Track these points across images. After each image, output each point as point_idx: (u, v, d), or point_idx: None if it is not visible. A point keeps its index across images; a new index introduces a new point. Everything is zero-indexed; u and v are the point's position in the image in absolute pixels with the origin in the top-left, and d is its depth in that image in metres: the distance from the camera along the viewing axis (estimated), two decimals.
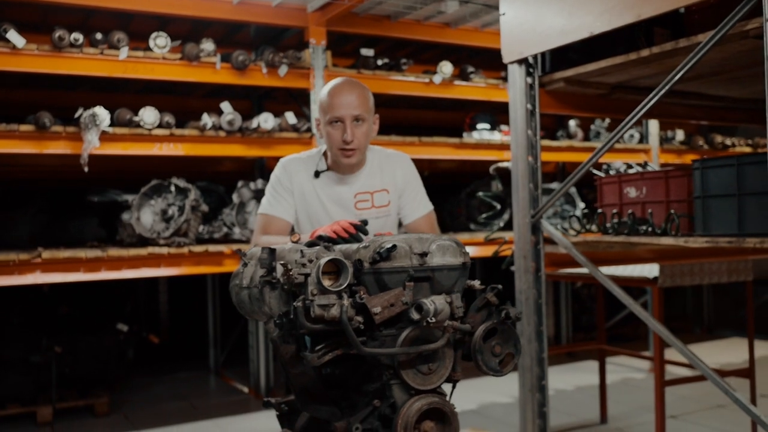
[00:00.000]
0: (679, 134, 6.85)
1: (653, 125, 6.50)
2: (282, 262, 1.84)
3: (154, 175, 4.95)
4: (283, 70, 4.99)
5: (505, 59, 3.36)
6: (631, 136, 6.51)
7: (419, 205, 2.81)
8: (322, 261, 1.77)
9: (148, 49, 4.67)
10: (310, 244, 1.97)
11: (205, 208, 4.93)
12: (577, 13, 2.94)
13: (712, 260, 4.03)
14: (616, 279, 4.54)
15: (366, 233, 2.34)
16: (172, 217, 4.80)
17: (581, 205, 6.18)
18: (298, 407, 2.13)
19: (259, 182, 5.09)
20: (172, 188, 4.83)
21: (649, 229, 3.17)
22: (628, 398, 5.82)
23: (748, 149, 7.16)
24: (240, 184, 5.08)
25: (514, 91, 3.36)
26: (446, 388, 1.99)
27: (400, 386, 1.88)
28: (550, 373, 3.53)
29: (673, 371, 5.73)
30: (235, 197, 5.06)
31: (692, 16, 2.90)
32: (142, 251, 4.58)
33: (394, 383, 1.87)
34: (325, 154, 2.75)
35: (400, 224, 2.86)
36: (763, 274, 7.52)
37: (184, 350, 8.11)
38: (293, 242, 2.11)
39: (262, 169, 6.19)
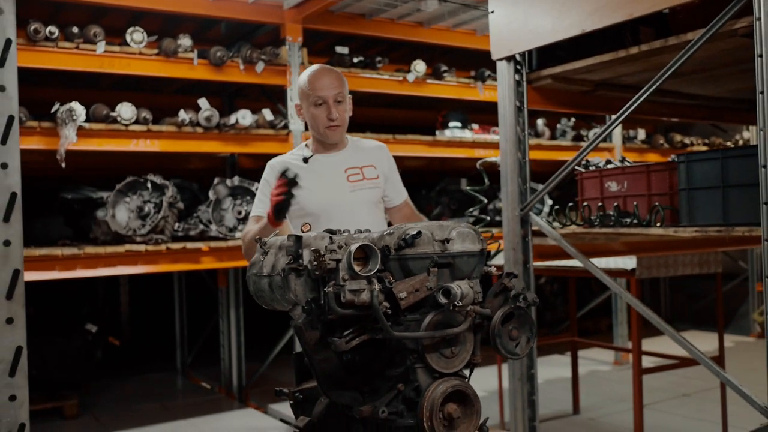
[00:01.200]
0: (641, 133, 7.07)
1: None
2: (311, 248, 1.86)
3: (127, 172, 4.88)
4: (260, 66, 4.99)
5: (494, 56, 3.43)
6: (596, 134, 6.67)
7: (402, 190, 2.96)
8: (353, 247, 1.80)
9: (125, 43, 4.61)
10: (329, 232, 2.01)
11: (181, 205, 4.89)
12: (568, 11, 3.03)
13: (685, 252, 4.18)
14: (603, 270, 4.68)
15: (295, 183, 2.46)
16: (148, 214, 4.75)
17: (549, 201, 6.32)
18: (317, 394, 2.15)
19: (236, 179, 5.07)
20: (149, 185, 4.77)
21: (634, 221, 3.28)
22: (597, 390, 5.98)
23: (704, 148, 7.42)
24: (216, 181, 5.05)
25: (503, 87, 3.44)
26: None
27: (424, 370, 1.91)
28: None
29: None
30: (211, 194, 5.03)
31: (677, 15, 3.02)
32: (120, 249, 4.52)
33: (418, 367, 1.91)
34: (307, 145, 2.87)
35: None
36: (723, 269, 7.81)
37: (148, 351, 8.00)
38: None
39: (234, 166, 6.16)
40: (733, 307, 8.49)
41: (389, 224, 2.86)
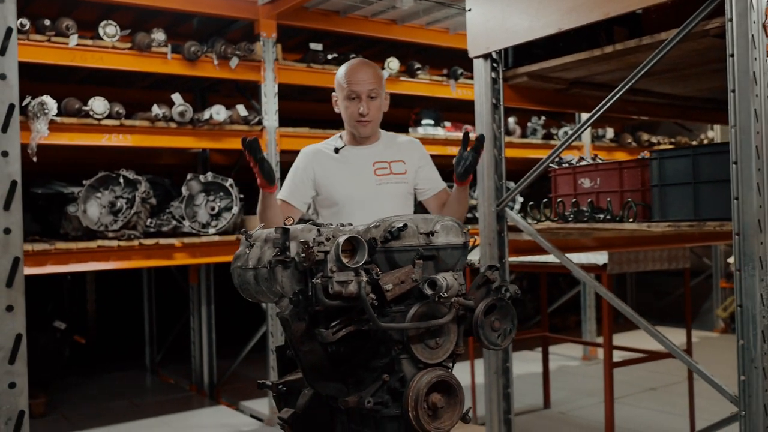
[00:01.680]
0: (609, 132, 7.19)
1: None
2: (298, 241, 1.88)
3: (98, 167, 4.82)
4: (234, 62, 4.97)
5: (471, 53, 3.47)
6: (566, 133, 6.78)
7: (437, 181, 2.91)
8: (341, 239, 1.82)
9: (97, 37, 4.56)
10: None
11: (154, 200, 4.85)
12: (545, 10, 3.08)
13: (655, 248, 4.27)
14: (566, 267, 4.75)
15: (256, 147, 2.49)
16: (120, 209, 4.70)
17: (520, 199, 6.39)
18: (301, 386, 2.16)
19: (209, 175, 5.04)
20: (121, 180, 4.73)
21: (607, 216, 3.35)
22: (566, 384, 6.07)
23: (670, 146, 7.57)
24: (189, 176, 5.02)
25: (480, 85, 3.48)
26: None
27: (409, 360, 1.94)
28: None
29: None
30: (184, 190, 4.99)
31: (650, 16, 3.08)
32: (91, 244, 4.47)
33: (403, 358, 1.94)
34: (341, 136, 2.91)
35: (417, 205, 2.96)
36: (678, 270, 7.97)
37: (115, 350, 7.89)
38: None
39: (206, 162, 6.13)
40: (697, 304, 8.68)
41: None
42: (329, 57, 5.47)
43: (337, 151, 2.82)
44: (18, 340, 2.38)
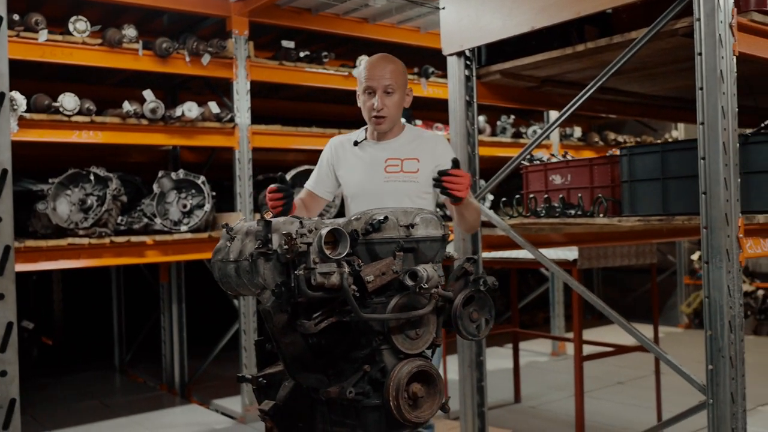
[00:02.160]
0: (577, 131, 7.30)
1: None
2: (281, 233, 1.89)
3: (67, 165, 4.77)
4: (206, 59, 4.95)
5: (445, 51, 3.52)
6: (534, 131, 6.87)
7: None
8: (324, 230, 1.84)
9: (67, 33, 4.51)
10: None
11: (125, 198, 4.82)
12: (518, 8, 3.14)
13: (623, 244, 4.36)
14: (536, 262, 4.82)
15: (284, 181, 2.54)
16: (91, 207, 4.66)
17: (490, 197, 6.47)
18: (280, 379, 2.18)
19: (181, 172, 5.01)
20: (92, 177, 4.68)
21: (579, 212, 3.41)
22: (535, 380, 6.16)
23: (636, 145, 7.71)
24: (161, 174, 4.98)
25: (453, 82, 3.52)
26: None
27: (390, 351, 1.97)
28: (456, 361, 3.71)
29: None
30: (155, 187, 4.95)
31: (620, 15, 3.16)
32: (62, 242, 4.42)
33: (384, 348, 1.97)
34: (366, 128, 2.91)
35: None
36: (644, 266, 8.14)
37: (83, 350, 7.78)
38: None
39: (177, 160, 6.09)
40: (662, 300, 8.84)
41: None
42: (301, 55, 5.48)
43: (356, 144, 2.83)
44: (9, 329, 2.38)
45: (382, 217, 1.98)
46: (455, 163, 2.49)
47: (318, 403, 2.11)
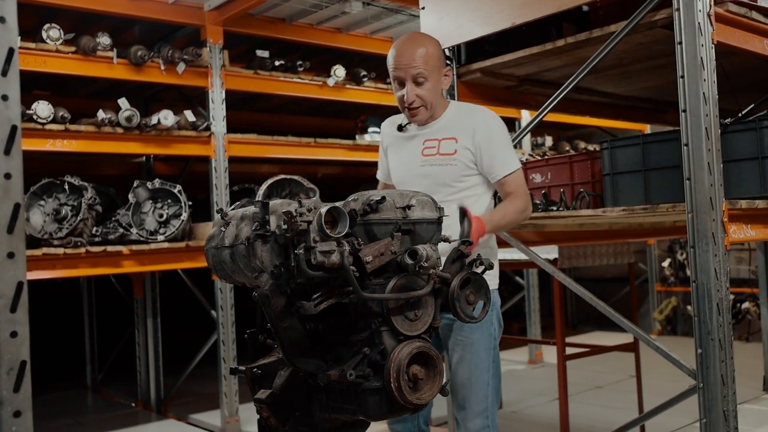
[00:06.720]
0: (548, 140, 7.40)
1: None
2: (279, 213, 1.88)
3: (40, 175, 4.69)
4: (181, 67, 4.93)
5: None
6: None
7: (503, 164, 2.58)
8: (324, 209, 1.83)
9: (40, 40, 4.45)
10: None
11: (100, 207, 4.75)
12: (498, 5, 3.18)
13: (601, 243, 4.41)
14: (517, 262, 4.85)
15: None
16: (65, 216, 4.58)
17: None
18: (275, 369, 2.16)
19: (157, 182, 4.96)
20: (66, 187, 4.61)
21: (561, 208, 3.45)
22: (515, 386, 6.16)
23: None
24: (136, 183, 4.92)
25: None
26: None
27: (390, 333, 1.96)
28: None
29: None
30: (131, 197, 4.89)
31: (597, 12, 3.22)
32: (37, 252, 4.34)
33: (383, 330, 1.95)
34: None
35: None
36: (622, 273, 8.19)
37: (52, 369, 7.56)
38: None
39: (150, 171, 6.02)
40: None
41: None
42: (276, 64, 5.48)
43: (401, 128, 2.71)
44: (20, 288, 2.32)
45: (379, 198, 1.97)
46: (464, 230, 2.30)
47: (315, 390, 2.09)
